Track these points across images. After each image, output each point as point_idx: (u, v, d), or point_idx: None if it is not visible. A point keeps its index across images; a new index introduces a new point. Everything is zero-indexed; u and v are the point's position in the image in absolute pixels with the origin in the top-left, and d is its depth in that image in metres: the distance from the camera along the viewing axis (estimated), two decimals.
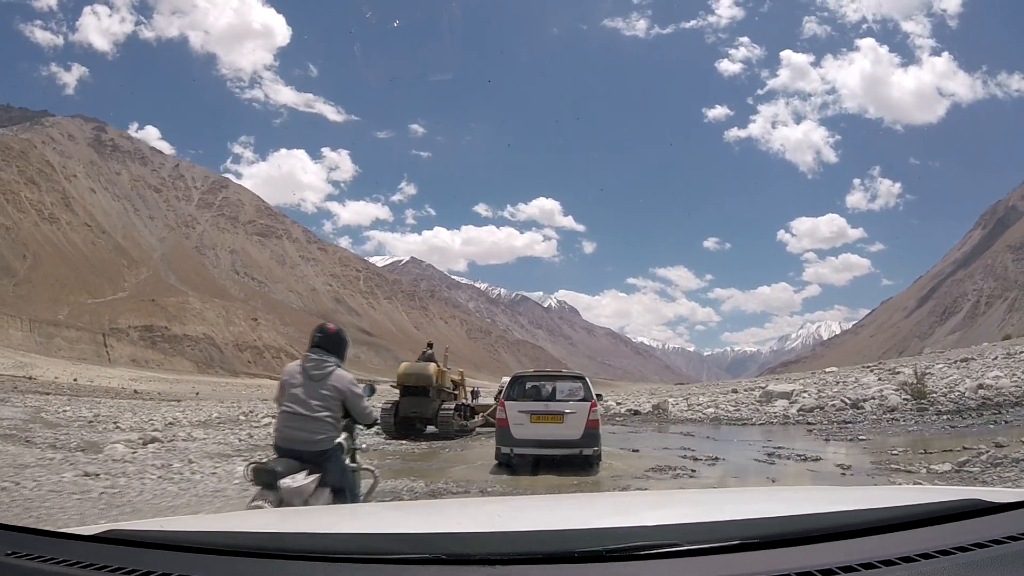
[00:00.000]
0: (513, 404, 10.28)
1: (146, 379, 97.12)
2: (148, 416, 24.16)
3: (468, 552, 1.42)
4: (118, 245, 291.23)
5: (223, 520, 2.60)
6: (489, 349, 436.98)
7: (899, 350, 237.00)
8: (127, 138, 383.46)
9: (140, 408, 30.90)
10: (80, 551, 1.52)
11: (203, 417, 24.42)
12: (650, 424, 20.39)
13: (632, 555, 1.35)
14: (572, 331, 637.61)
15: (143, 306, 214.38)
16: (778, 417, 19.08)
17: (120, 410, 28.21)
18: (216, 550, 1.52)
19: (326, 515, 2.88)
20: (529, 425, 10.00)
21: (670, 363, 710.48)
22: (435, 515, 2.37)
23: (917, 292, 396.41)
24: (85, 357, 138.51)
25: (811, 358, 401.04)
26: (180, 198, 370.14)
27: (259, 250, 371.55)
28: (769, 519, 1.59)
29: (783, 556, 1.33)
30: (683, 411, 23.77)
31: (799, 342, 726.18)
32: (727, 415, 21.00)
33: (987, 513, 1.52)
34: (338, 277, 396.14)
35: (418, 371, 16.73)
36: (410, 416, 16.41)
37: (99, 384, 70.79)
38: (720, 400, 26.26)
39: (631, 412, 24.54)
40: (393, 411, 16.28)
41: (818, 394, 22.33)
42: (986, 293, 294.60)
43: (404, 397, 16.61)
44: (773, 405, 21.37)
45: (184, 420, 22.53)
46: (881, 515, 1.53)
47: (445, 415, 16.23)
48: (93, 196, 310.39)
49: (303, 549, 1.51)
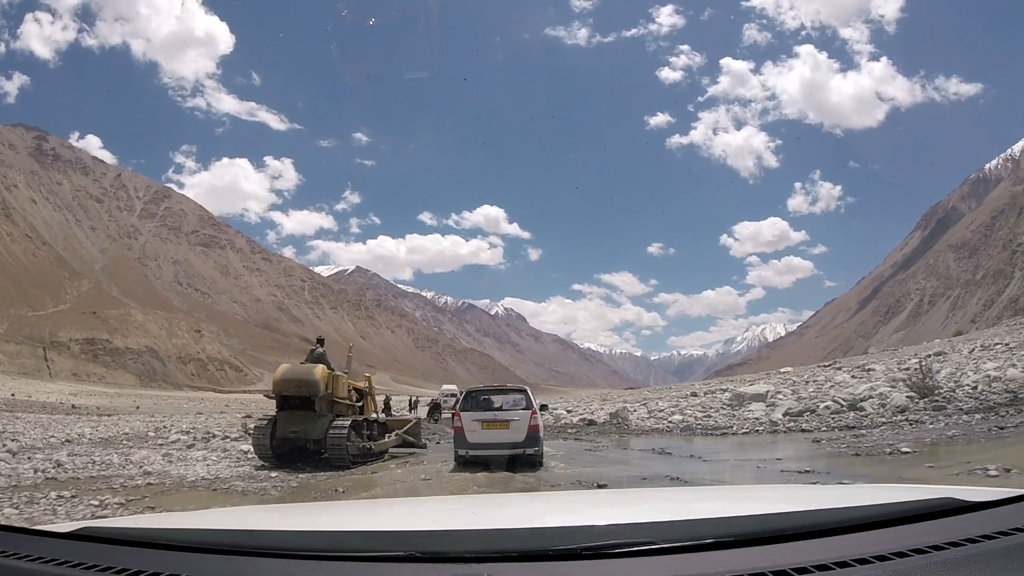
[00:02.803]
0: (467, 414, 11.94)
1: (86, 393, 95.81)
2: (56, 432, 22.72)
3: (443, 550, 1.43)
4: (59, 256, 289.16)
5: (199, 517, 2.63)
6: (436, 358, 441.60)
7: (844, 350, 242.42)
8: (69, 147, 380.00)
9: (55, 423, 29.55)
10: (56, 548, 1.54)
11: (113, 432, 22.86)
12: (608, 436, 18.24)
13: (607, 553, 1.36)
14: (519, 338, 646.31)
15: (84, 319, 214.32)
16: (763, 424, 16.84)
17: (31, 425, 26.63)
18: (192, 547, 1.53)
19: (302, 512, 2.94)
20: (481, 431, 11.69)
21: (617, 368, 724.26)
22: (411, 513, 2.40)
23: (860, 293, 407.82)
24: (26, 371, 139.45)
25: (757, 360, 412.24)
26: (122, 208, 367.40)
27: (202, 260, 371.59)
28: (744, 517, 1.61)
29: (758, 554, 1.34)
30: (644, 419, 21.89)
31: (744, 344, 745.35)
32: (698, 423, 18.94)
33: (962, 512, 1.53)
34: (283, 287, 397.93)
35: (300, 376, 13.07)
36: (289, 437, 12.84)
37: (37, 399, 68.63)
38: (683, 405, 24.42)
39: (585, 422, 22.59)
40: (269, 430, 12.85)
41: (795, 396, 20.64)
42: (929, 292, 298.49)
43: (282, 411, 12.97)
44: (749, 409, 19.47)
45: (86, 437, 20.95)
46: (856, 514, 1.54)
47: (336, 436, 12.48)
48: (34, 207, 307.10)
49: (278, 546, 1.52)
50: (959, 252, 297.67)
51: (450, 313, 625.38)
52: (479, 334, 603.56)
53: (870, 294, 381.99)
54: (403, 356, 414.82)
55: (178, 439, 18.78)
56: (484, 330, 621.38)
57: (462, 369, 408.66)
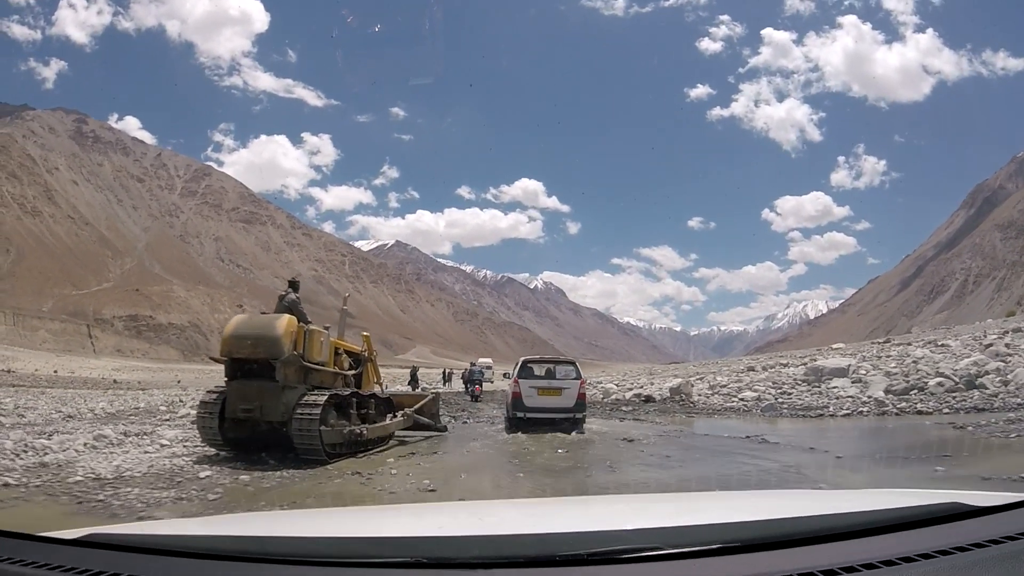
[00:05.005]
0: (525, 381, 13.73)
1: (129, 368, 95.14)
2: (71, 407, 19.89)
3: (449, 556, 1.43)
4: (102, 236, 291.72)
5: (205, 524, 2.61)
6: (476, 331, 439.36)
7: (886, 329, 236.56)
8: (108, 129, 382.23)
9: (77, 398, 26.14)
10: (62, 555, 1.54)
11: (122, 407, 20.19)
12: (673, 416, 16.40)
13: (613, 559, 1.36)
14: (559, 312, 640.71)
15: (128, 296, 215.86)
16: (866, 404, 15.11)
17: (54, 400, 23.37)
18: (197, 554, 1.53)
19: (308, 519, 2.91)
20: (536, 397, 13.51)
21: (657, 343, 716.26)
22: (417, 519, 2.39)
23: (903, 271, 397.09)
24: (70, 349, 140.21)
25: (798, 337, 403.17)
26: (163, 187, 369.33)
27: (243, 237, 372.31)
28: (750, 523, 1.61)
29: (765, 560, 1.34)
30: (708, 396, 20.34)
31: (785, 321, 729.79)
32: (779, 402, 17.12)
33: (969, 517, 1.53)
34: (323, 262, 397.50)
35: (257, 331, 9.39)
36: (240, 418, 9.21)
37: (80, 375, 68.84)
38: (747, 381, 22.49)
39: (641, 399, 20.94)
40: (218, 408, 9.31)
41: (881, 371, 18.54)
42: (974, 272, 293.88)
43: (233, 381, 9.44)
44: (832, 386, 17.77)
45: (99, 411, 18.54)
46: (862, 519, 1.54)
47: (305, 417, 8.83)
48: (75, 188, 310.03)
49: (284, 553, 1.52)
50: (1006, 232, 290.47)
51: (489, 287, 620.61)
52: (518, 308, 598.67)
53: (914, 273, 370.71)
54: (443, 330, 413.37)
55: (188, 413, 15.98)
56: (523, 304, 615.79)
57: (501, 343, 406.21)
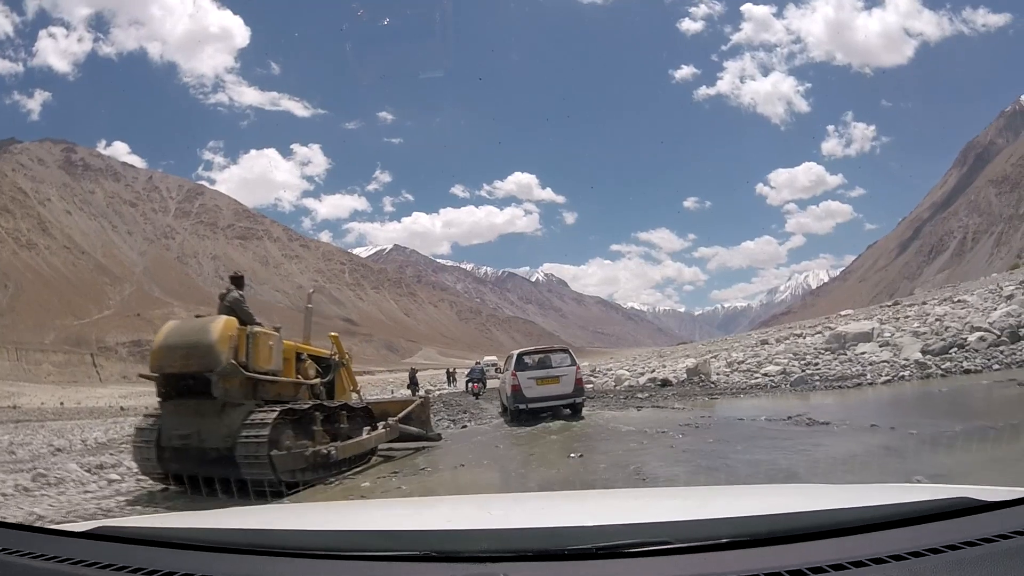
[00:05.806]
0: (523, 373, 13.84)
1: (136, 394, 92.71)
2: (66, 439, 19.17)
3: (458, 549, 1.42)
4: (99, 264, 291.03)
5: (214, 517, 2.62)
6: (481, 328, 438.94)
7: (889, 292, 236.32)
8: (97, 156, 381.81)
9: (80, 428, 25.64)
10: (72, 548, 1.54)
11: (116, 435, 18.61)
12: (694, 400, 15.12)
13: (622, 553, 1.35)
14: (562, 303, 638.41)
15: (129, 321, 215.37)
16: (908, 367, 14.32)
17: (52, 433, 22.60)
18: (207, 547, 1.53)
19: (316, 512, 2.90)
20: (536, 387, 13.61)
21: (662, 326, 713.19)
22: (426, 512, 2.38)
23: (901, 234, 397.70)
24: (75, 379, 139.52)
25: (802, 308, 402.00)
26: (157, 210, 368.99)
27: (241, 253, 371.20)
28: (759, 517, 1.59)
29: (773, 554, 1.33)
30: (727, 375, 19.22)
31: (788, 293, 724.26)
32: (808, 374, 15.96)
33: (977, 511, 1.52)
34: (323, 272, 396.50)
35: (188, 339, 7.98)
36: (177, 446, 7.77)
37: (86, 405, 69.68)
38: (765, 355, 21.72)
39: (657, 383, 19.66)
40: (155, 435, 7.93)
41: (909, 332, 18.02)
42: (972, 229, 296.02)
43: (167, 402, 8.10)
44: (860, 352, 17.09)
45: (91, 441, 17.59)
46: (872, 513, 1.53)
47: (250, 441, 7.39)
48: (69, 218, 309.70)
49: (294, 546, 1.52)
50: (1000, 187, 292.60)
51: (491, 283, 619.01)
52: (521, 302, 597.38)
53: (912, 235, 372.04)
54: (448, 330, 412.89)
55: None
56: (526, 297, 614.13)
57: (507, 338, 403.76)
